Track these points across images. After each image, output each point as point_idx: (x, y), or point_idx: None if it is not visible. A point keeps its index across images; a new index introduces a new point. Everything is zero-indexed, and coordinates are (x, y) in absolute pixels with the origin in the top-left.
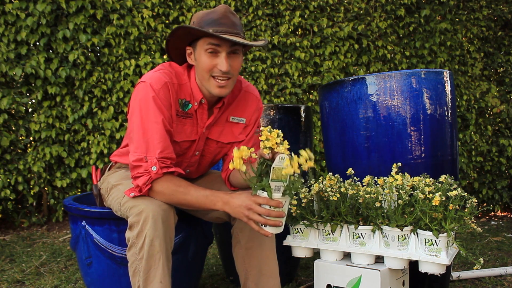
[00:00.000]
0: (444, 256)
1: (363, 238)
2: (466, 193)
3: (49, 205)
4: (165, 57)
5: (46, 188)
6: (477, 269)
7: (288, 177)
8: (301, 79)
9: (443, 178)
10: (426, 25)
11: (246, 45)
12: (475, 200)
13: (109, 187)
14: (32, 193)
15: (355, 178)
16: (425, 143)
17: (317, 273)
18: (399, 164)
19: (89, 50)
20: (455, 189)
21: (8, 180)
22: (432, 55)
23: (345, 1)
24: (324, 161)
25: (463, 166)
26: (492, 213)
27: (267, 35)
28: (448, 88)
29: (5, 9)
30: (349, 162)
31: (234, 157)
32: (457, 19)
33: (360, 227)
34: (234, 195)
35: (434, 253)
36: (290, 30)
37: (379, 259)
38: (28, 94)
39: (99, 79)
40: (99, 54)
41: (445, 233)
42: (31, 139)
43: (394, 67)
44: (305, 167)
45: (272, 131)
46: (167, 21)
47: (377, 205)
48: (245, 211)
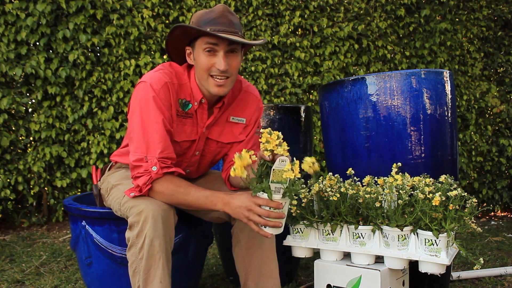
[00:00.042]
0: (444, 256)
1: (363, 238)
2: (466, 193)
3: (49, 205)
4: (165, 57)
5: (46, 188)
6: (477, 269)
7: (288, 179)
8: (301, 79)
9: (443, 178)
10: (426, 25)
11: (244, 44)
12: (475, 200)
13: (109, 187)
14: (32, 193)
15: (355, 178)
16: (425, 143)
17: (317, 273)
18: (399, 164)
19: (89, 50)
20: (455, 189)
21: (8, 180)
22: (432, 55)
23: (345, 1)
24: (324, 161)
25: (463, 166)
26: (492, 213)
27: (267, 35)
28: (448, 88)
29: (5, 9)
30: (349, 162)
31: (236, 166)
32: (457, 19)
33: (360, 227)
34: (234, 195)
35: (434, 253)
36: (290, 30)
37: (379, 259)
38: (28, 94)
39: (99, 79)
40: (99, 54)
41: (445, 233)
42: (31, 139)
43: (394, 67)
44: (310, 171)
45: (272, 133)
46: (167, 21)
47: (377, 205)
48: (245, 212)
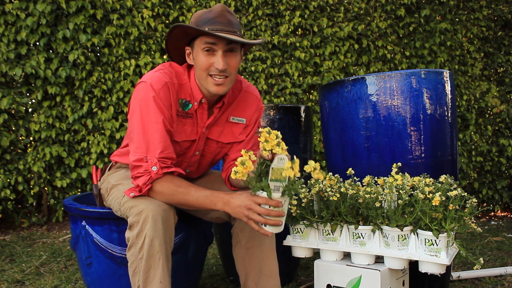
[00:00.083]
0: (444, 256)
1: (363, 238)
2: (466, 193)
3: (49, 205)
4: (165, 57)
5: (46, 188)
6: (477, 269)
7: (287, 177)
8: (301, 79)
9: (443, 178)
10: (426, 25)
11: (243, 44)
12: (475, 200)
13: (109, 187)
14: (32, 193)
15: (355, 178)
16: (425, 143)
17: (317, 273)
18: (399, 164)
19: (89, 50)
20: (455, 189)
21: (8, 180)
22: (432, 55)
23: (345, 1)
24: (324, 161)
25: (463, 166)
26: (492, 213)
27: (267, 35)
28: (448, 88)
29: (5, 9)
30: (349, 162)
31: (238, 169)
32: (457, 19)
33: (360, 227)
34: (234, 195)
35: (434, 253)
36: (290, 30)
37: (379, 259)
38: (28, 94)
39: (99, 79)
40: (99, 54)
41: (445, 233)
42: (31, 139)
43: (394, 67)
44: (315, 176)
45: (271, 133)
46: (167, 21)
47: (377, 205)
48: (245, 211)
